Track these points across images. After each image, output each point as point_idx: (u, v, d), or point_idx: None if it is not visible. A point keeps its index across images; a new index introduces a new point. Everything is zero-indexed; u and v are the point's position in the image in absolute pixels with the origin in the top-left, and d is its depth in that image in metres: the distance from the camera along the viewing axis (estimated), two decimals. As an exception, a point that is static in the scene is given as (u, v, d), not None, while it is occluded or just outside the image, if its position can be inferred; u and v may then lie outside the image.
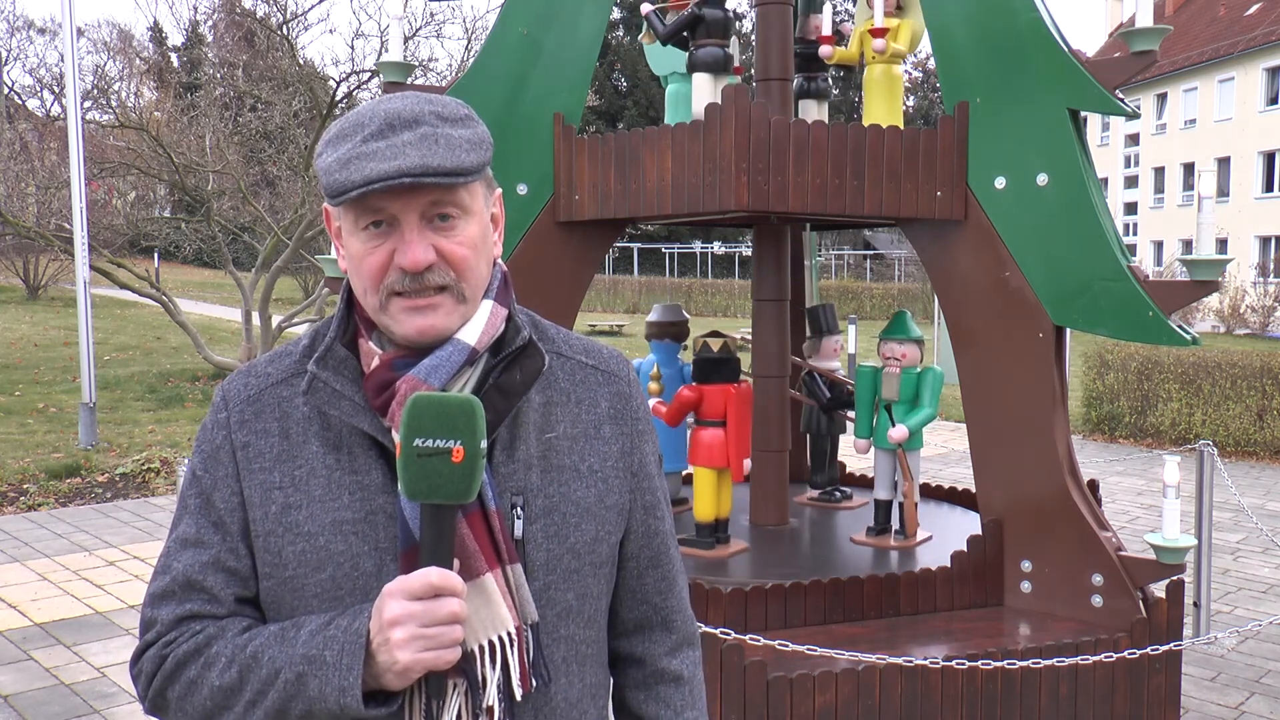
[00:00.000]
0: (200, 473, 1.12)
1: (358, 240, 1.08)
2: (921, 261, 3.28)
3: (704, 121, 2.88)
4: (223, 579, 1.10)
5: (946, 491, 4.12)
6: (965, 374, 3.13)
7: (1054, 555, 3.01)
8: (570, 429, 1.17)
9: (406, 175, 1.02)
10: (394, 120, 1.05)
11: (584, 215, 3.21)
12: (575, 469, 1.16)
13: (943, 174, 3.02)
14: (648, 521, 1.25)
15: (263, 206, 12.58)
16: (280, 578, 1.08)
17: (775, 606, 2.86)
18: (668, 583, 1.28)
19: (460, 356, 1.08)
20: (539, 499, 1.13)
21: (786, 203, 2.86)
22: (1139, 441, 9.78)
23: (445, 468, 0.98)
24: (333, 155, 1.06)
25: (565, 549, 1.13)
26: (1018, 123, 2.95)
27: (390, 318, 1.08)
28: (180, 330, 12.48)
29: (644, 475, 1.24)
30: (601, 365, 1.23)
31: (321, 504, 1.08)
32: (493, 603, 1.06)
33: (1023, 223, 2.97)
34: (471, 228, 1.10)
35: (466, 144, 1.07)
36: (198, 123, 12.68)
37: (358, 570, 1.07)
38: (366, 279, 1.08)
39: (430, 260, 1.06)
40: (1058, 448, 3.00)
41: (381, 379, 1.08)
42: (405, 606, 0.98)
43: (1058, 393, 3.04)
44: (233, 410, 1.13)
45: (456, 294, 1.08)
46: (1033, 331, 2.98)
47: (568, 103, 3.24)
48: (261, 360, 1.17)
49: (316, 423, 1.11)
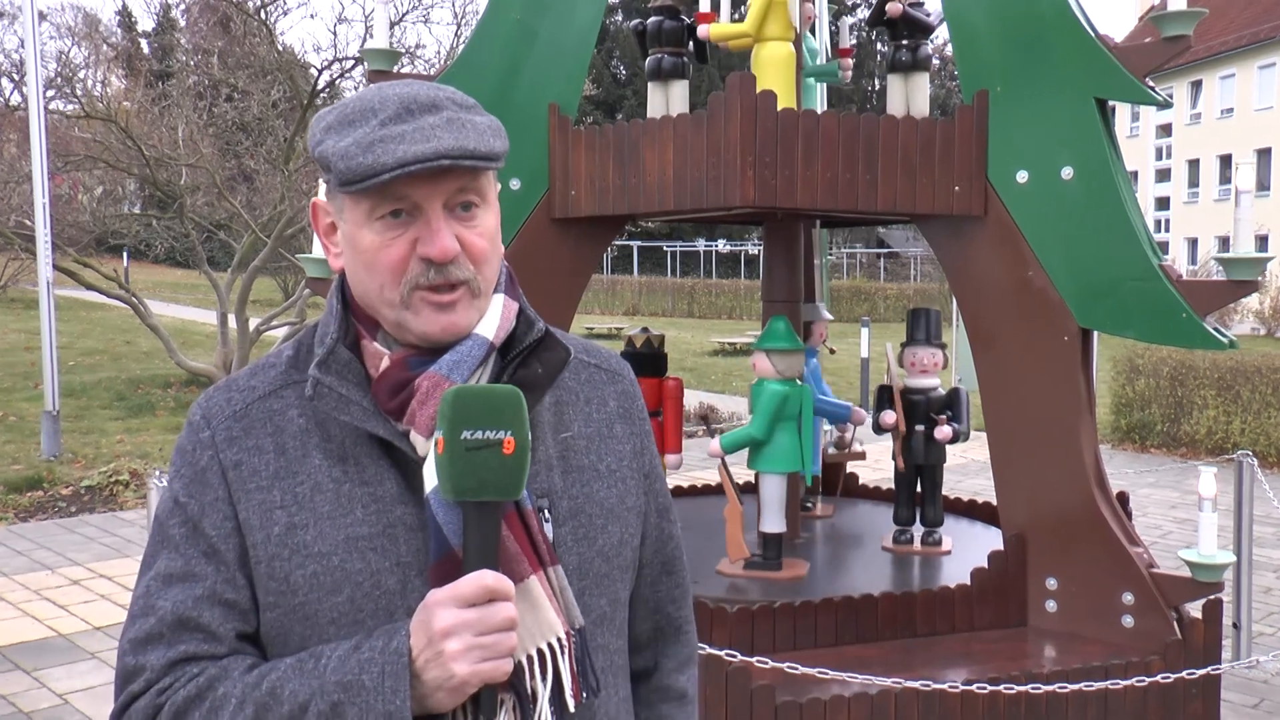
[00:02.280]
0: (184, 499, 1.08)
1: (371, 232, 1.07)
2: (938, 260, 3.29)
3: (708, 112, 2.89)
4: (221, 613, 1.05)
5: (966, 504, 4.13)
6: (985, 379, 3.14)
7: (1081, 572, 3.01)
8: (584, 428, 1.18)
9: (445, 157, 1.02)
10: (410, 104, 1.05)
11: (580, 211, 3.23)
12: (594, 469, 1.16)
13: (961, 167, 3.03)
14: (661, 525, 1.26)
15: (239, 202, 12.59)
16: (289, 606, 1.05)
17: (784, 626, 2.87)
18: (681, 591, 1.29)
19: (480, 351, 1.08)
20: (564, 501, 1.13)
21: (795, 198, 2.87)
22: (1172, 451, 9.78)
23: (496, 460, 0.98)
24: (346, 139, 1.04)
25: (595, 552, 1.13)
26: (1041, 113, 2.97)
27: (413, 313, 1.07)
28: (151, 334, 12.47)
29: (655, 477, 1.25)
30: (603, 364, 1.24)
31: (331, 520, 1.05)
32: (539, 607, 1.04)
33: (1046, 219, 2.98)
34: (490, 219, 1.11)
35: (490, 130, 1.08)
36: (169, 113, 12.70)
37: (379, 589, 1.04)
38: (385, 273, 1.06)
39: (456, 251, 1.06)
40: (1084, 458, 3.01)
41: (396, 379, 1.07)
42: (459, 615, 0.95)
43: (1084, 399, 3.04)
44: (217, 428, 1.10)
45: (474, 289, 1.09)
46: (1057, 334, 2.99)
47: (563, 92, 3.26)
48: (240, 375, 1.15)
49: (315, 435, 1.09)
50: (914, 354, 3.43)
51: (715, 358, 18.16)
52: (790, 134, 2.85)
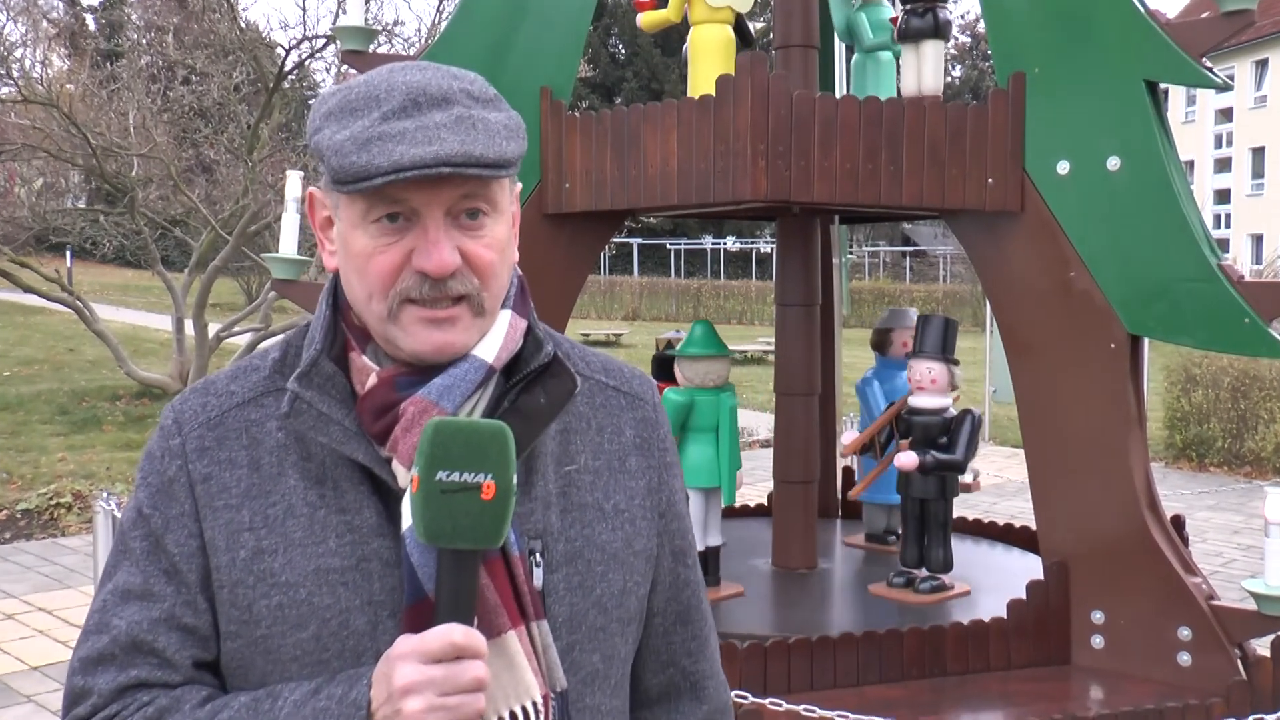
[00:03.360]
0: (148, 510, 1.09)
1: (365, 235, 1.06)
2: (970, 260, 3.30)
3: (715, 96, 2.91)
4: (177, 639, 1.07)
5: (1001, 529, 4.14)
6: (1023, 391, 3.15)
7: (1131, 604, 3.02)
8: (592, 461, 1.17)
9: (446, 164, 1.01)
10: (418, 96, 1.04)
11: (575, 206, 3.24)
12: (599, 508, 1.15)
13: (995, 157, 3.04)
14: (677, 570, 1.24)
15: (197, 196, 12.63)
16: (250, 637, 1.06)
17: (800, 664, 2.87)
18: (699, 642, 1.27)
19: (477, 375, 1.07)
20: (560, 543, 1.12)
21: (811, 191, 2.88)
22: (1234, 470, 9.78)
23: (474, 506, 0.97)
24: (343, 132, 1.04)
25: (591, 602, 1.12)
26: (1084, 97, 2.98)
27: (401, 329, 1.07)
28: (97, 341, 12.50)
29: (673, 515, 1.23)
30: (624, 387, 1.23)
31: (302, 549, 1.06)
32: (516, 667, 1.04)
33: (1090, 214, 3.00)
34: (500, 228, 1.09)
35: (505, 131, 1.07)
36: (119, 97, 12.73)
37: (347, 628, 1.05)
38: (374, 282, 1.06)
39: (455, 265, 1.05)
40: (1134, 477, 3.02)
41: (381, 400, 1.07)
42: (422, 671, 0.95)
43: (1134, 413, 3.05)
44: (188, 436, 1.10)
45: (476, 305, 1.08)
46: (1103, 341, 3.00)
47: (556, 75, 3.28)
48: (220, 377, 1.15)
49: (294, 452, 1.09)
50: (912, 368, 3.36)
51: (724, 367, 18.13)
52: (806, 120, 2.87)
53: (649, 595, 1.22)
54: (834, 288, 4.42)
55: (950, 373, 3.31)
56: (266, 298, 12.16)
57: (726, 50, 3.25)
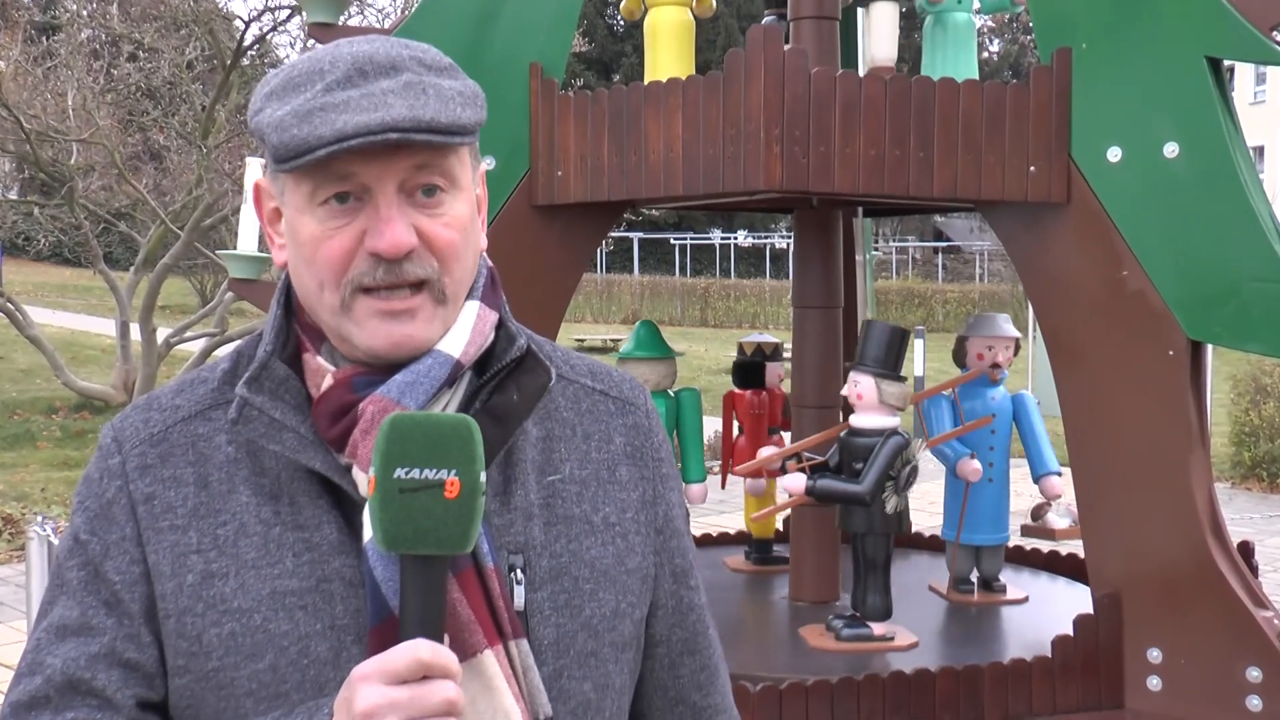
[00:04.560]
0: (85, 536, 1.10)
1: (312, 219, 1.08)
2: (1010, 257, 3.31)
3: (724, 73, 2.92)
4: (119, 676, 1.07)
5: (1045, 556, 4.14)
6: (1070, 403, 3.15)
7: (1193, 641, 3.02)
8: (578, 470, 1.18)
9: (393, 129, 1.02)
10: (364, 65, 1.06)
11: (569, 197, 3.25)
12: (587, 521, 1.17)
13: (1037, 143, 3.05)
14: (679, 592, 1.25)
15: (145, 186, 12.67)
16: (200, 671, 1.06)
17: (819, 708, 2.87)
18: (708, 674, 1.28)
19: (442, 371, 1.09)
20: (544, 559, 1.13)
21: (832, 181, 2.89)
22: (1307, 493, 9.79)
23: (436, 506, 0.98)
24: (284, 108, 1.05)
25: (579, 624, 1.13)
26: (1138, 75, 2.99)
27: (355, 323, 1.08)
28: (31, 347, 12.51)
29: (671, 532, 1.25)
30: (612, 391, 1.25)
31: (256, 571, 1.07)
32: (494, 690, 1.05)
33: (1145, 206, 3.00)
34: (460, 206, 1.12)
35: (460, 97, 1.09)
36: (56, 75, 12.78)
37: (307, 657, 1.06)
38: (325, 269, 1.08)
39: (411, 244, 1.07)
40: (1195, 499, 3.02)
41: (337, 402, 1.08)
42: (385, 694, 0.96)
43: (1195, 427, 3.06)
44: (129, 453, 1.11)
45: (436, 292, 1.09)
46: (1160, 348, 3.01)
47: (548, 49, 3.29)
48: (164, 391, 1.17)
49: (245, 466, 1.10)
50: (847, 380, 3.29)
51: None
52: (826, 101, 2.88)
53: (649, 622, 1.23)
54: (857, 288, 4.42)
55: (878, 388, 3.19)
56: (222, 300, 12.19)
57: (683, 34, 3.32)
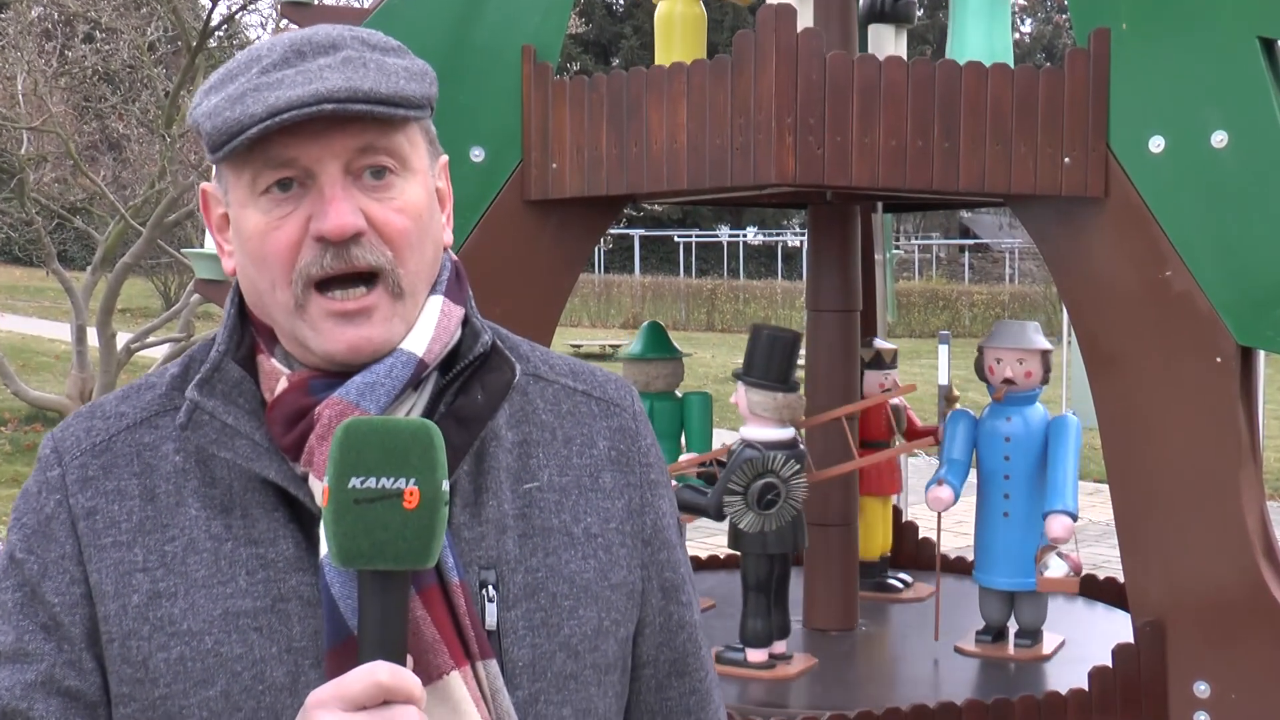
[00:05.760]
0: (21, 555, 1.11)
1: (255, 211, 1.09)
2: (1042, 255, 3.31)
3: (733, 57, 2.92)
4: (58, 706, 1.08)
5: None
6: (1108, 414, 3.15)
7: (1244, 674, 3.01)
8: (557, 477, 1.19)
9: (328, 100, 1.04)
10: (302, 46, 1.08)
11: (565, 191, 3.25)
12: (566, 532, 1.17)
13: (1072, 132, 3.06)
14: (668, 609, 1.26)
15: (103, 179, 12.67)
16: (146, 699, 1.07)
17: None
18: (699, 698, 1.29)
19: (404, 371, 1.10)
20: (518, 574, 1.14)
21: (849, 173, 2.89)
22: (1363, 512, 9.80)
23: (394, 517, 0.98)
24: (218, 96, 1.08)
25: (557, 644, 1.14)
26: (1182, 58, 3.00)
27: (310, 326, 1.09)
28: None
29: (661, 544, 1.25)
30: (595, 392, 1.26)
31: (207, 590, 1.08)
32: (461, 714, 1.06)
33: (1190, 200, 3.01)
34: (413, 190, 1.12)
35: (404, 72, 1.10)
36: (4, 58, 12.77)
37: (262, 682, 1.07)
38: (274, 264, 1.09)
39: (359, 226, 1.08)
40: (1245, 519, 3.02)
41: (293, 406, 1.09)
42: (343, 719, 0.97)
43: (1245, 441, 3.06)
44: (69, 465, 1.12)
45: (391, 285, 1.10)
46: (1206, 355, 3.01)
47: (541, 30, 3.29)
48: (109, 399, 1.18)
49: (195, 476, 1.11)
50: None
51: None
52: (843, 87, 2.88)
53: (636, 641, 1.23)
54: (876, 290, 4.43)
55: (747, 399, 3.24)
56: (188, 302, 12.18)
57: (695, 27, 3.34)
